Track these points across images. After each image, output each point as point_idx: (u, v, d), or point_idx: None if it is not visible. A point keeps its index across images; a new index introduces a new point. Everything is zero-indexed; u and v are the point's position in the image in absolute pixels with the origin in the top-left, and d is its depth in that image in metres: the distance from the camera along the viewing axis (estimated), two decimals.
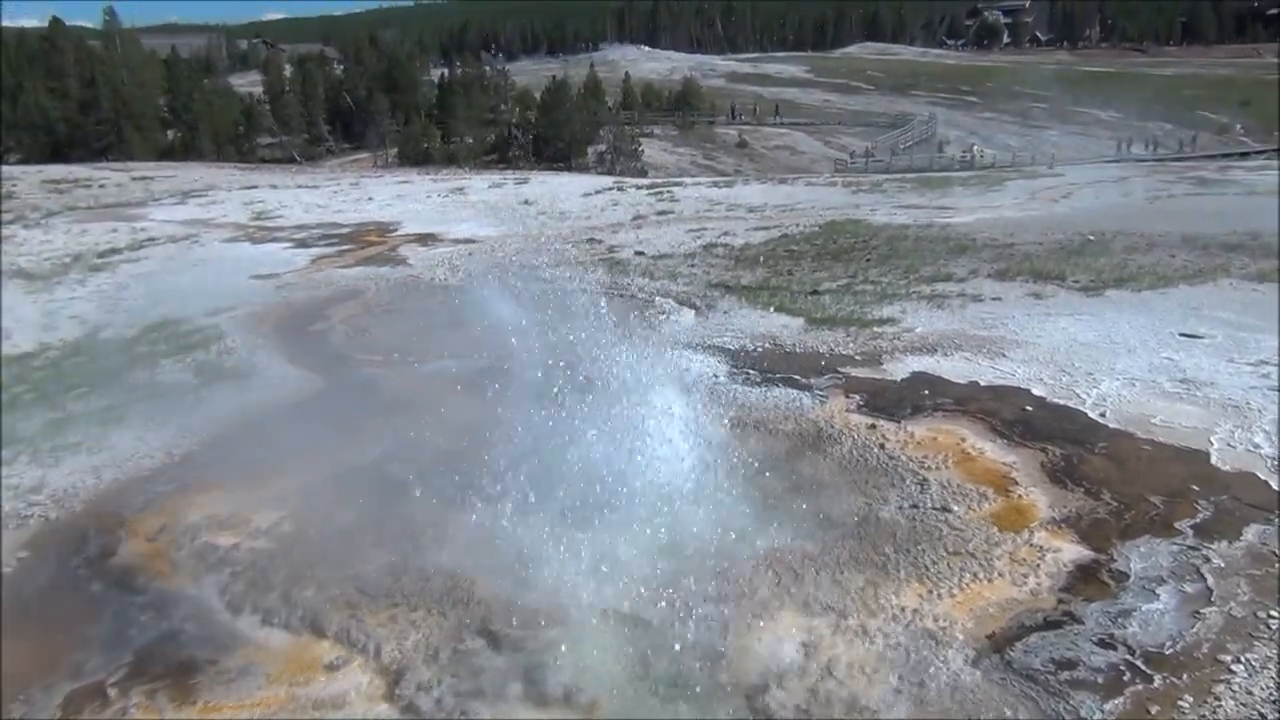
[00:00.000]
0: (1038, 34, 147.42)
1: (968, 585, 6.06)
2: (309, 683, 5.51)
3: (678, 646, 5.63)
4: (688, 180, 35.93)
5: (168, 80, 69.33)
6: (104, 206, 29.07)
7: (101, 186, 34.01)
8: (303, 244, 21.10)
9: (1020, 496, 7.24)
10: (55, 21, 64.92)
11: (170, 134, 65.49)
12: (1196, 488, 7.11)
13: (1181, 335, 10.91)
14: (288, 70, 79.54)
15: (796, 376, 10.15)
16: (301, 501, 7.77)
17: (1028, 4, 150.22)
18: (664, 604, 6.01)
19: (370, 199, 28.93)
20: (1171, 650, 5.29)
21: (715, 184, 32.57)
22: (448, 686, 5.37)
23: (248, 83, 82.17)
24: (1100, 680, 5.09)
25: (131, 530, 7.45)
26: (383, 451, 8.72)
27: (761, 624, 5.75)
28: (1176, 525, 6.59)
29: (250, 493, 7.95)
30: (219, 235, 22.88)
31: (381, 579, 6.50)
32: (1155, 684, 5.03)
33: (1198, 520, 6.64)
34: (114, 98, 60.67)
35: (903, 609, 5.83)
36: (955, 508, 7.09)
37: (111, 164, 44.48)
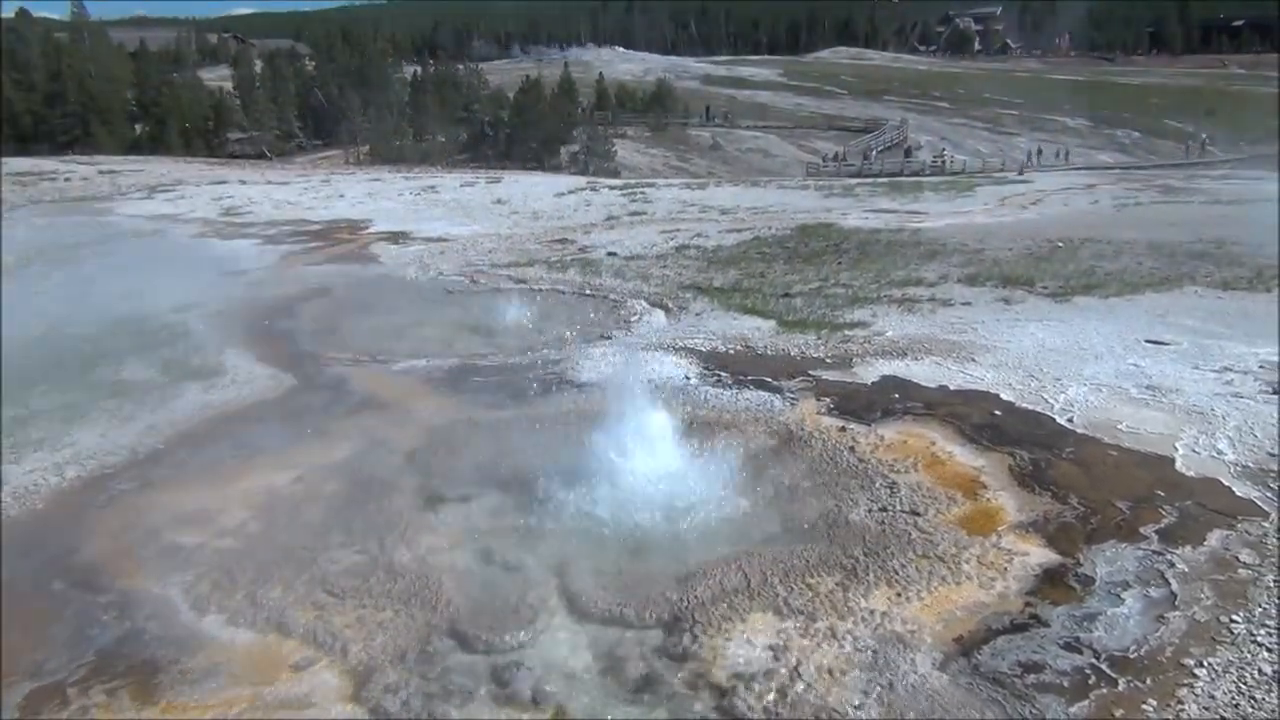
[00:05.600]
0: (1008, 41, 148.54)
1: (936, 588, 6.08)
2: (274, 683, 5.45)
3: (647, 648, 5.62)
4: (661, 182, 36.00)
5: (135, 74, 68.57)
6: (70, 200, 28.72)
7: (67, 180, 33.60)
8: (272, 240, 20.94)
9: (989, 500, 7.29)
10: (21, 13, 63.98)
11: (138, 128, 64.71)
12: (1162, 493, 7.19)
13: (1148, 342, 11.03)
14: (258, 65, 78.82)
15: (768, 379, 10.17)
16: (268, 500, 7.70)
17: (999, 11, 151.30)
18: (633, 605, 6.00)
19: (341, 196, 28.79)
20: (1136, 654, 5.33)
21: (688, 186, 32.65)
22: (415, 688, 5.33)
23: (217, 77, 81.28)
24: (1066, 683, 5.12)
25: (94, 529, 7.34)
26: (351, 451, 8.64)
27: (731, 626, 5.75)
28: (1142, 530, 6.65)
29: (216, 491, 7.87)
30: (187, 231, 22.68)
31: (349, 579, 6.45)
32: (1120, 687, 5.07)
33: (1162, 525, 6.71)
34: (80, 91, 59.88)
35: (871, 612, 5.85)
36: (924, 511, 7.12)
37: (78, 157, 43.90)
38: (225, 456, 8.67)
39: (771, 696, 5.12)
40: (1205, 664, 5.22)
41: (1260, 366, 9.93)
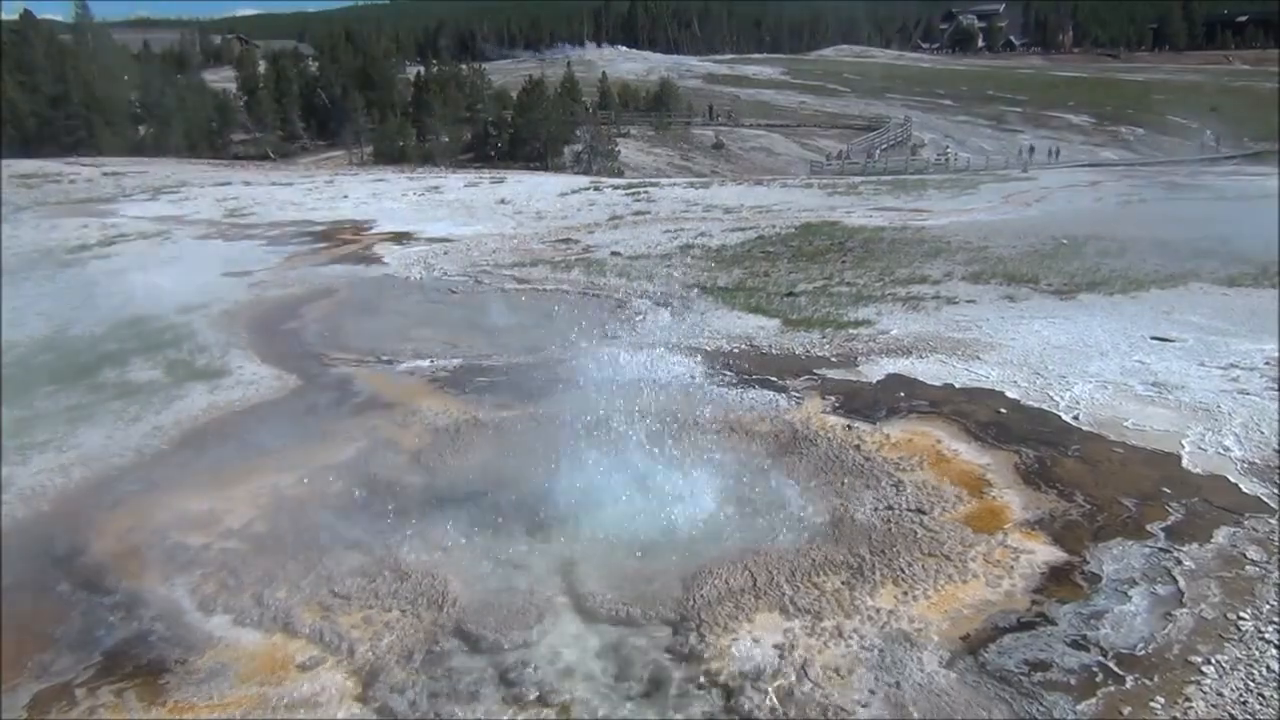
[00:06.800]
0: (1011, 38, 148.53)
1: (942, 587, 6.08)
2: (281, 683, 5.45)
3: (654, 647, 5.62)
4: (664, 181, 35.96)
5: (139, 75, 68.61)
6: (74, 202, 28.77)
7: (72, 182, 33.65)
8: (276, 241, 20.95)
9: (994, 498, 7.28)
10: (26, 14, 64.04)
11: (142, 129, 64.77)
12: (1168, 490, 7.18)
13: (1153, 339, 11.01)
14: (262, 66, 78.89)
15: (773, 378, 10.17)
16: (274, 501, 7.70)
17: (1002, 9, 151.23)
18: (640, 604, 6.00)
19: (345, 197, 28.77)
20: (1143, 651, 5.33)
21: (692, 185, 32.63)
22: (422, 687, 5.33)
23: (221, 78, 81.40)
24: (1073, 681, 5.12)
25: (101, 529, 7.35)
26: (356, 451, 8.65)
27: (737, 625, 5.75)
28: (1148, 527, 6.64)
29: (222, 492, 7.87)
30: (191, 232, 22.69)
31: (355, 579, 6.45)
32: (1127, 685, 5.06)
33: (1169, 523, 6.70)
34: (85, 92, 59.94)
35: (878, 610, 5.84)
36: (930, 509, 7.11)
37: (82, 159, 43.94)
38: (231, 457, 8.67)
39: (778, 696, 5.11)
40: (1213, 661, 5.21)
41: (1266, 363, 9.92)
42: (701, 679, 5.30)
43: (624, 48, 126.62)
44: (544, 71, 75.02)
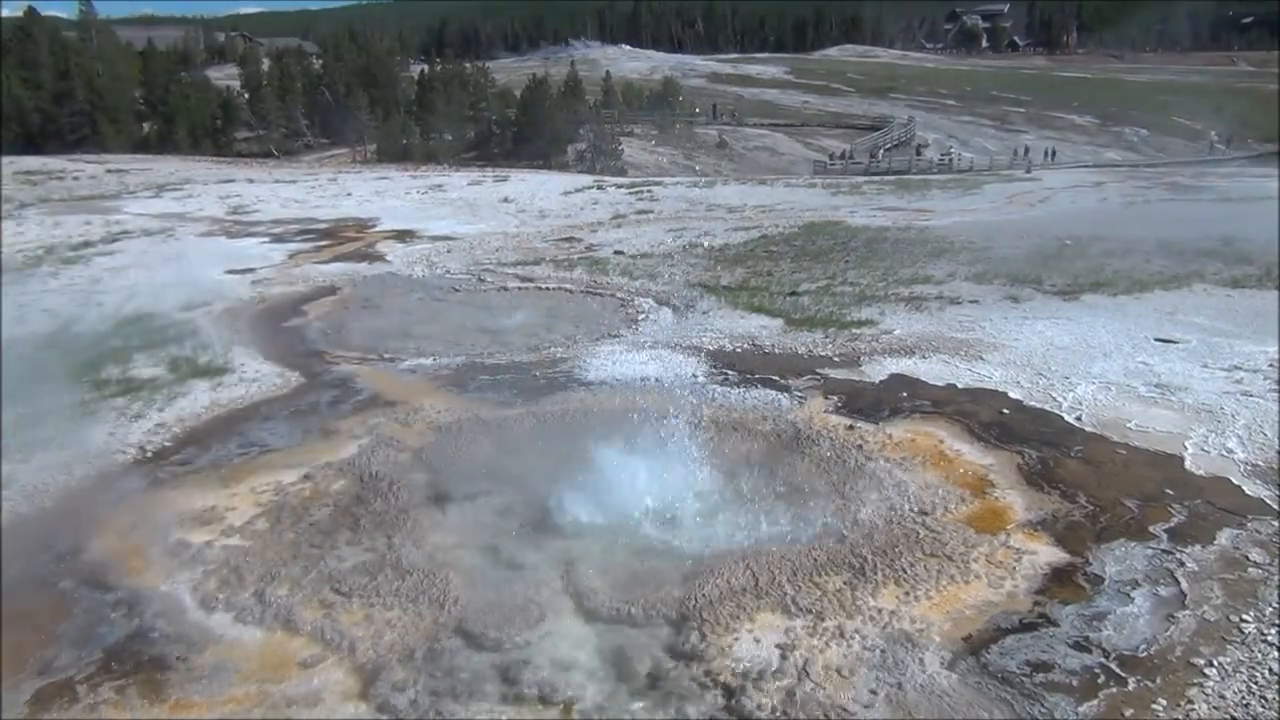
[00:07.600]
0: (1015, 39, 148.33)
1: (944, 587, 6.07)
2: (282, 680, 5.45)
3: (655, 646, 5.61)
4: (667, 180, 35.94)
5: (143, 73, 68.67)
6: (78, 199, 28.78)
7: (76, 179, 33.67)
8: (280, 239, 20.95)
9: (997, 499, 7.27)
10: (30, 11, 64.09)
11: (146, 127, 64.77)
12: (1171, 492, 7.17)
13: (1156, 340, 11.00)
14: (266, 64, 78.87)
15: (775, 377, 10.16)
16: (276, 498, 7.70)
17: (1006, 9, 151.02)
18: (642, 603, 6.00)
19: (349, 195, 28.78)
20: (1145, 653, 5.32)
21: (695, 184, 32.59)
22: (423, 685, 5.33)
23: (225, 76, 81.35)
24: (1075, 683, 5.11)
25: (103, 527, 7.36)
26: (358, 449, 8.65)
27: (739, 625, 5.74)
28: (1151, 529, 6.64)
29: (224, 490, 7.88)
30: (194, 229, 22.68)
31: (357, 577, 6.45)
32: (1129, 686, 5.06)
33: (1172, 524, 6.70)
34: (89, 89, 60.01)
35: (880, 611, 5.84)
36: (933, 510, 7.10)
37: (86, 156, 43.97)
38: (233, 455, 8.67)
39: (779, 696, 5.11)
40: (1215, 663, 5.20)
41: (1269, 365, 9.91)
42: (703, 678, 5.29)
43: (627, 46, 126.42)
44: (548, 70, 74.92)
